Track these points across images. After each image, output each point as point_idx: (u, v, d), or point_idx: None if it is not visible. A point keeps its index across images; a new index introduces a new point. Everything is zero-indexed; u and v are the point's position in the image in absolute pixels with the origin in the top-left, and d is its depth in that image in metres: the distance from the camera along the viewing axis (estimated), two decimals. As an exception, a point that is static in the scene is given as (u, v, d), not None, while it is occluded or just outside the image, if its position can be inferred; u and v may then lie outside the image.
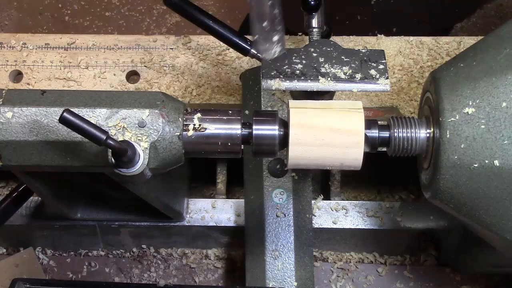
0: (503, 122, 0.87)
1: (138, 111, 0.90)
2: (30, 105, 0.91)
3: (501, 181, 0.87)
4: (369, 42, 1.39)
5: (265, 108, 1.18)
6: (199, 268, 1.41)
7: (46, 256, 1.42)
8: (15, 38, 1.40)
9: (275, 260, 1.16)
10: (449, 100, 0.90)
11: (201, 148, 0.93)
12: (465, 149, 0.88)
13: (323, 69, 1.00)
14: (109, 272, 1.41)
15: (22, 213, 1.28)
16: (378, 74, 1.00)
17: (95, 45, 1.40)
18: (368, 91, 1.00)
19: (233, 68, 1.37)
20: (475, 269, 1.35)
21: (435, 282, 1.38)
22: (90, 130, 0.81)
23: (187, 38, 1.40)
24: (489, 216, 0.90)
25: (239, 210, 1.29)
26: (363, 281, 1.38)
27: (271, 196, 1.18)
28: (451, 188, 0.91)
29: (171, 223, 1.28)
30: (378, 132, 0.95)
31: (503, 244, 0.97)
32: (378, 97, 1.33)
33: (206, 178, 1.40)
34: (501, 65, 0.89)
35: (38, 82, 1.36)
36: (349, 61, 1.02)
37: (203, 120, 0.92)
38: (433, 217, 1.27)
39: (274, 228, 1.18)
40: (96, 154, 0.91)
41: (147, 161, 0.89)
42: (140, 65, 1.38)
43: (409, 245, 1.38)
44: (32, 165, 0.93)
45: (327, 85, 0.99)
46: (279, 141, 0.93)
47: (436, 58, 1.37)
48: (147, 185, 1.02)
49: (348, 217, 1.28)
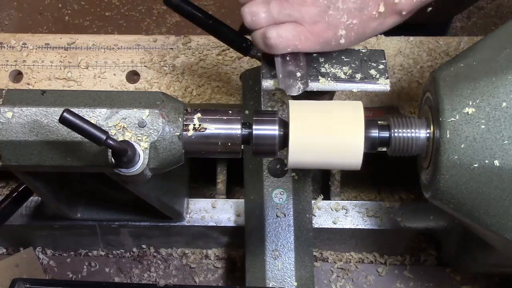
0: (503, 122, 0.87)
1: (138, 111, 0.90)
2: (30, 105, 0.91)
3: (501, 181, 0.87)
4: (369, 42, 1.38)
5: (265, 108, 1.18)
6: (199, 268, 1.41)
7: (46, 256, 1.42)
8: (15, 38, 1.40)
9: (275, 260, 1.16)
10: (449, 100, 0.90)
11: (201, 148, 0.93)
12: (465, 149, 0.88)
13: (323, 69, 1.00)
14: (109, 272, 1.41)
15: (22, 213, 1.28)
16: (378, 74, 1.00)
17: (95, 45, 1.40)
18: (368, 91, 1.00)
19: (233, 68, 1.37)
20: (475, 269, 1.35)
21: (435, 282, 1.38)
22: (90, 130, 0.81)
23: (187, 38, 1.40)
24: (489, 216, 0.90)
25: (239, 210, 1.29)
26: (363, 281, 1.38)
27: (271, 196, 1.18)
28: (451, 188, 0.91)
29: (171, 223, 1.28)
30: (378, 132, 0.95)
31: (503, 244, 0.97)
32: (378, 97, 1.33)
33: (206, 178, 1.40)
34: (501, 65, 0.89)
35: (38, 82, 1.36)
36: (349, 61, 1.02)
37: (203, 120, 0.92)
38: (433, 217, 1.27)
39: (274, 228, 1.18)
40: (96, 154, 0.91)
41: (147, 161, 0.89)
42: (140, 65, 1.38)
43: (409, 245, 1.38)
44: (32, 165, 0.93)
45: (327, 85, 0.99)
46: (279, 141, 0.93)
47: (436, 58, 1.37)
48: (147, 185, 1.02)
49: (348, 217, 1.28)
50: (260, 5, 0.98)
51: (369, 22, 0.96)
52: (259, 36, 0.99)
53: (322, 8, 0.95)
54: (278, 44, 0.97)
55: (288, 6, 0.96)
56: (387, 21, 0.97)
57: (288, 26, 0.97)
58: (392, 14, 0.96)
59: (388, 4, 0.95)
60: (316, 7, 0.95)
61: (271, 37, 0.97)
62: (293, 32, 0.96)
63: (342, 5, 0.94)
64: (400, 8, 0.95)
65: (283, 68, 0.99)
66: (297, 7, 0.95)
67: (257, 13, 0.98)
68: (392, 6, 0.95)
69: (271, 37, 0.97)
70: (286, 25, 0.97)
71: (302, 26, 0.96)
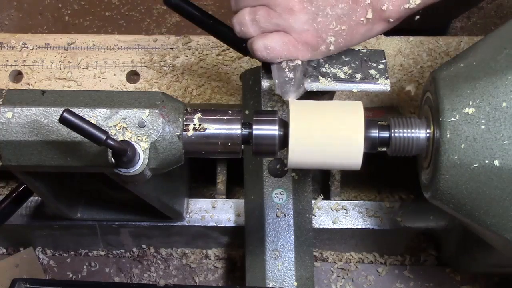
0: (503, 122, 0.87)
1: (138, 111, 0.90)
2: (30, 105, 0.91)
3: (501, 181, 0.87)
4: (369, 42, 1.38)
5: (265, 108, 1.18)
6: (199, 268, 1.41)
7: (46, 256, 1.42)
8: (15, 38, 1.40)
9: (275, 260, 1.16)
10: (449, 100, 0.90)
11: (201, 148, 0.93)
12: (465, 149, 0.88)
13: (323, 69, 1.00)
14: (109, 272, 1.41)
15: (22, 213, 1.28)
16: (378, 74, 1.00)
17: (95, 45, 1.40)
18: (368, 91, 1.00)
19: (233, 68, 1.37)
20: (475, 269, 1.35)
21: (435, 282, 1.38)
22: (90, 130, 0.81)
23: (187, 38, 1.40)
24: (489, 216, 0.90)
25: (239, 210, 1.29)
26: (363, 281, 1.39)
27: (271, 196, 1.18)
28: (451, 188, 0.91)
29: (171, 223, 1.28)
30: (378, 132, 0.95)
31: (503, 244, 0.97)
32: (378, 97, 1.33)
33: (206, 178, 1.40)
34: (501, 65, 0.89)
35: (38, 82, 1.36)
36: (349, 61, 1.02)
37: (203, 120, 0.92)
38: (433, 217, 1.27)
39: (274, 228, 1.18)
40: (96, 154, 0.91)
41: (147, 161, 0.89)
42: (140, 65, 1.38)
43: (409, 245, 1.38)
44: (32, 165, 0.93)
45: (327, 85, 0.99)
46: (279, 141, 0.93)
47: (436, 58, 1.37)
48: (147, 185, 1.02)
49: (348, 217, 1.29)
50: (247, 15, 0.98)
51: (358, 28, 0.96)
52: (249, 46, 0.99)
53: (311, 15, 0.94)
54: (266, 55, 0.97)
55: (276, 15, 0.95)
56: (375, 28, 0.97)
57: (276, 36, 0.96)
58: (380, 21, 0.96)
59: (376, 11, 0.95)
60: (304, 14, 0.94)
61: (257, 49, 0.97)
62: (280, 43, 0.96)
63: (331, 11, 0.94)
64: (387, 15, 0.95)
65: (279, 74, 0.99)
66: (284, 16, 0.95)
67: (245, 23, 0.98)
68: (380, 13, 0.95)
69: (258, 49, 0.97)
70: (274, 35, 0.96)
71: (290, 35, 0.96)
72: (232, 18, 1.00)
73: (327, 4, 0.94)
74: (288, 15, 0.94)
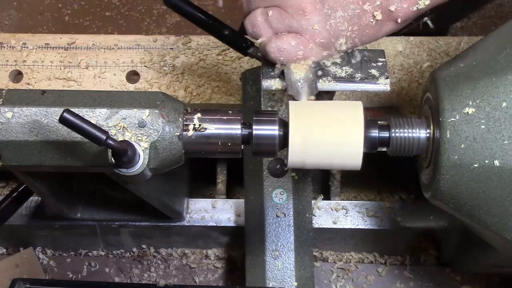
0: (503, 122, 0.87)
1: (138, 111, 0.90)
2: (30, 105, 0.91)
3: (501, 181, 0.87)
4: (369, 42, 1.38)
5: (265, 108, 1.18)
6: (199, 268, 1.41)
7: (46, 256, 1.42)
8: (15, 38, 1.40)
9: (275, 260, 1.16)
10: (449, 100, 0.90)
11: (201, 148, 0.93)
12: (465, 149, 0.88)
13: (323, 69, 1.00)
14: (109, 272, 1.41)
15: (22, 213, 1.28)
16: (378, 74, 1.00)
17: (95, 45, 1.40)
18: (368, 91, 1.00)
19: (233, 68, 1.37)
20: (475, 269, 1.35)
21: (435, 282, 1.38)
22: (90, 130, 0.81)
23: (187, 38, 1.40)
24: (489, 216, 0.90)
25: (239, 210, 1.29)
26: (363, 281, 1.38)
27: (271, 196, 1.18)
28: (451, 188, 0.91)
29: (171, 223, 1.28)
30: (378, 132, 0.95)
31: (503, 244, 0.97)
32: (378, 97, 1.33)
33: (206, 178, 1.40)
34: (501, 65, 0.89)
35: (38, 82, 1.36)
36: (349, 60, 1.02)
37: (203, 120, 0.92)
38: (433, 217, 1.27)
39: (274, 228, 1.18)
40: (96, 154, 0.91)
41: (147, 161, 0.89)
42: (140, 65, 1.38)
43: (409, 245, 1.38)
44: (32, 165, 0.93)
45: (327, 85, 0.99)
46: (279, 141, 0.93)
47: (436, 58, 1.37)
48: (147, 185, 1.02)
49: (348, 217, 1.29)
50: (259, 16, 0.98)
51: (367, 29, 0.96)
52: (262, 48, 0.99)
53: (323, 16, 0.95)
54: (279, 57, 0.97)
55: (288, 16, 0.95)
56: (383, 29, 0.98)
57: (289, 37, 0.96)
58: (388, 21, 0.96)
59: (385, 12, 0.95)
60: (316, 15, 0.94)
61: (270, 51, 0.97)
62: (293, 44, 0.96)
63: (343, 12, 0.94)
64: (395, 16, 0.95)
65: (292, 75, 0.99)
66: (297, 17, 0.95)
67: (257, 24, 0.98)
68: (389, 14, 0.95)
69: (271, 51, 0.97)
70: (287, 36, 0.96)
71: (303, 36, 0.96)
72: (244, 19, 1.00)
73: (338, 5, 0.94)
74: (301, 16, 0.95)
